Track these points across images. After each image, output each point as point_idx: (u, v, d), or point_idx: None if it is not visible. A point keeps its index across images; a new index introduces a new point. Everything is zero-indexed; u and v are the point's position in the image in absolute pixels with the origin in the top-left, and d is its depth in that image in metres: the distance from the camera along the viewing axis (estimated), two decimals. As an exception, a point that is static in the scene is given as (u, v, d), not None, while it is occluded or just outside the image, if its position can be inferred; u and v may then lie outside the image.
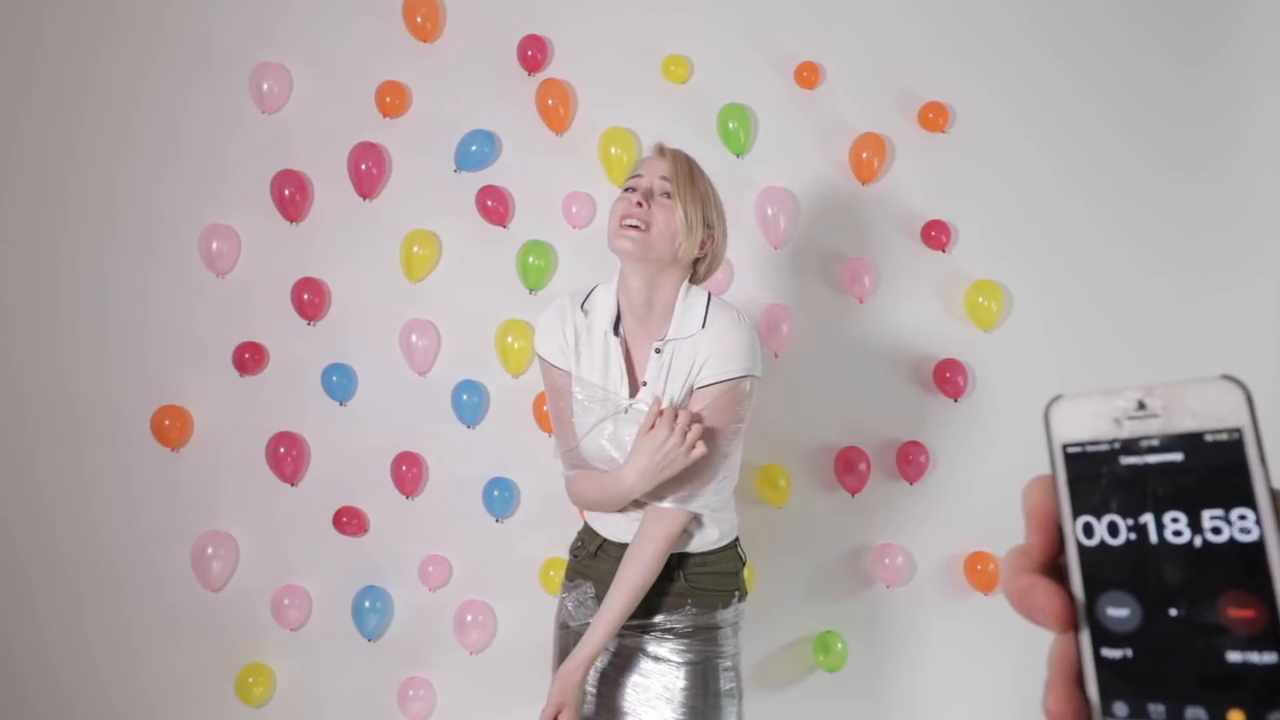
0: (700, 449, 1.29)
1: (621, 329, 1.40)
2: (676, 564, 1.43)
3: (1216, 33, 2.12)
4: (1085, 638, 0.33)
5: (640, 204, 1.32)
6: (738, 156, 2.05)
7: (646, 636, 1.43)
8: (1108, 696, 0.33)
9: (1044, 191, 2.10)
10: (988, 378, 2.08)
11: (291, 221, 2.02)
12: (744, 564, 1.51)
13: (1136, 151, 2.11)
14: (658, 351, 1.37)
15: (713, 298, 1.40)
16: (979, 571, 2.05)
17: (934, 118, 2.05)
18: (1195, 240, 2.12)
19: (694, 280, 1.42)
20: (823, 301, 2.08)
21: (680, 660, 1.42)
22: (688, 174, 1.36)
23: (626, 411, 1.36)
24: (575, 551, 1.55)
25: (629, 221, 1.32)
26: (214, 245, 2.01)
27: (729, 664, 1.44)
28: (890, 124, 2.08)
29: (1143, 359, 2.10)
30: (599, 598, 1.43)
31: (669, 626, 1.43)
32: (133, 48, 2.03)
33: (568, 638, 1.48)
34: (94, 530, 2.03)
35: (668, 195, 1.34)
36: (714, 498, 1.39)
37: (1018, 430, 2.05)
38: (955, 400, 2.06)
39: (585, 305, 1.42)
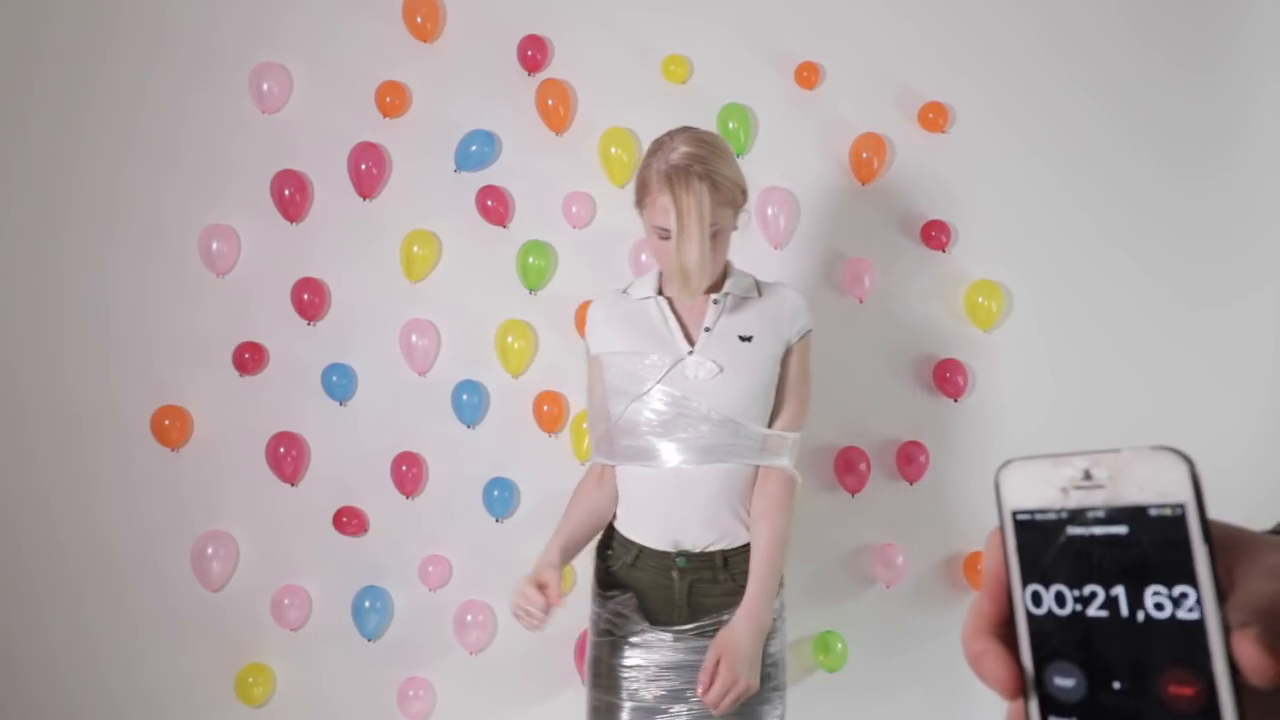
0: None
1: (666, 291, 1.50)
2: (722, 564, 1.44)
3: (1219, 38, 2.11)
4: (1034, 706, 0.34)
5: None
6: (738, 156, 2.04)
7: (695, 640, 1.42)
8: None
9: (1044, 192, 2.10)
10: (988, 378, 2.08)
11: (291, 221, 2.02)
12: None
13: (1137, 155, 2.10)
14: (715, 303, 1.46)
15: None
16: (979, 572, 2.05)
17: (934, 118, 2.05)
18: (1195, 246, 2.11)
19: None
20: (823, 301, 2.08)
21: None
22: (697, 208, 1.34)
23: (691, 355, 1.43)
24: (609, 560, 1.52)
25: None
26: (214, 245, 2.01)
27: (774, 660, 1.44)
28: (890, 124, 2.08)
29: (1141, 360, 2.10)
30: (643, 607, 1.45)
31: (719, 626, 1.41)
32: (133, 48, 2.03)
33: (601, 646, 1.47)
34: (94, 530, 2.03)
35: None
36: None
37: (1018, 430, 2.07)
38: (955, 400, 2.06)
39: (627, 290, 1.54)
